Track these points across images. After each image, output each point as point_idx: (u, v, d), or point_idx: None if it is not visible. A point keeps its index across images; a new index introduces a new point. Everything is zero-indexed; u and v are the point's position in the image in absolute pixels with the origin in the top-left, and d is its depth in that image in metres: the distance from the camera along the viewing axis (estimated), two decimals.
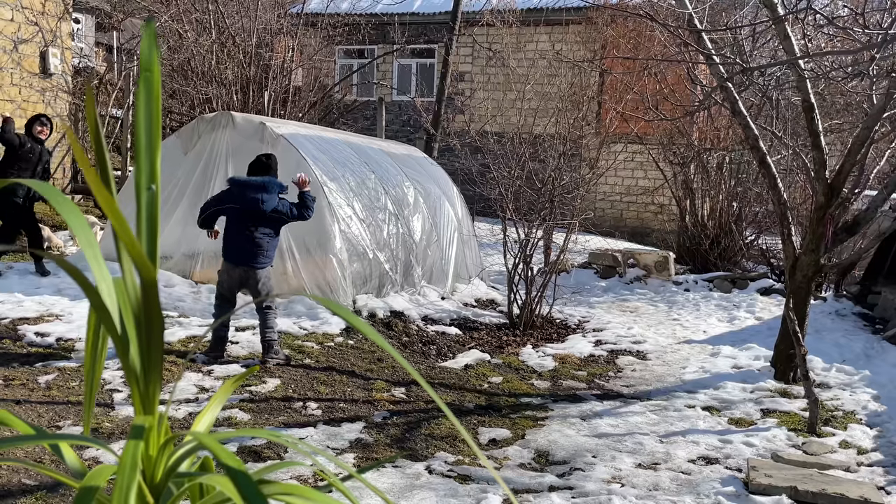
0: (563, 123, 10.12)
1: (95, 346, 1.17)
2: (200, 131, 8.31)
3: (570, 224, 9.42)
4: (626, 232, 16.55)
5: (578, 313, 9.59)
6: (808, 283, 6.94)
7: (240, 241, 5.99)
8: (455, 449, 4.89)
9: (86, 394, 1.19)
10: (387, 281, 8.61)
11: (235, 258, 6.03)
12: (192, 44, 12.36)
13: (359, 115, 18.70)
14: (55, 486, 3.79)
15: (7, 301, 6.94)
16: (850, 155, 6.62)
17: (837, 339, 8.38)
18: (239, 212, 5.98)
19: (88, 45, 19.90)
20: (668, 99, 12.34)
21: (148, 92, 1.04)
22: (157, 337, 1.06)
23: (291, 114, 13.40)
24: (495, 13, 16.36)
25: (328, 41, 15.87)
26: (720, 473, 4.72)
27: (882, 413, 6.18)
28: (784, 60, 6.84)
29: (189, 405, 5.13)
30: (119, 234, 1.00)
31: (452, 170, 12.00)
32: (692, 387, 6.70)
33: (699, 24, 6.91)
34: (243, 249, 6.00)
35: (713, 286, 11.33)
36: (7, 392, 5.01)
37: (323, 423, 5.09)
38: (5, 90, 11.69)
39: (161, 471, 1.10)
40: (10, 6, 11.63)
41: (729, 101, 7.01)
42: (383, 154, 10.04)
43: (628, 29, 13.47)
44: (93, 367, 1.18)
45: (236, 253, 6.03)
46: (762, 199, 12.69)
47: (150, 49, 1.05)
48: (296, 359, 6.35)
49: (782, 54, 7.28)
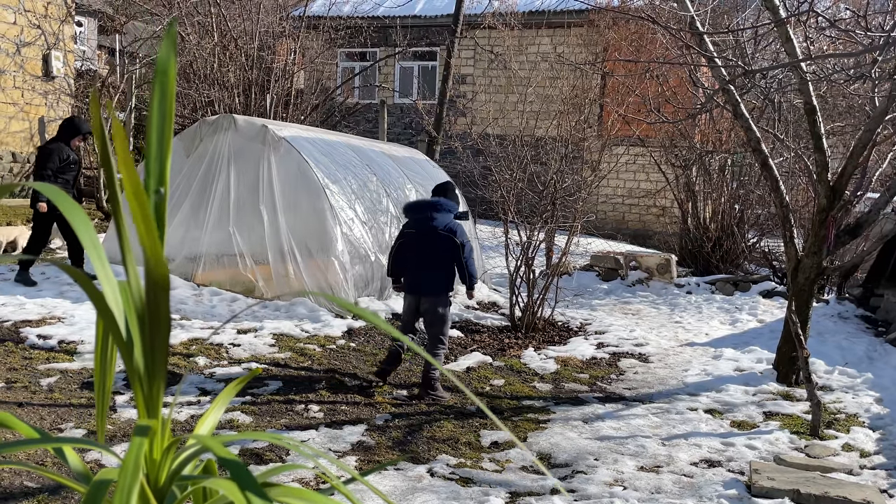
0: (565, 126, 10.12)
1: (105, 352, 1.17)
2: (202, 134, 8.32)
3: (572, 226, 9.41)
4: (628, 234, 16.54)
5: (580, 316, 9.58)
6: (811, 285, 6.94)
7: (414, 267, 5.95)
8: (457, 451, 4.89)
9: (97, 399, 1.19)
10: (388, 283, 8.61)
11: (409, 286, 6.01)
12: (195, 47, 12.38)
13: (361, 118, 18.72)
14: (57, 489, 3.79)
15: (9, 303, 6.96)
16: (853, 157, 6.61)
17: (840, 342, 8.37)
18: (414, 236, 5.94)
19: (91, 48, 19.93)
20: (669, 101, 12.34)
21: (162, 94, 1.04)
22: (163, 338, 1.06)
23: (293, 116, 13.42)
24: (497, 16, 16.37)
25: (330, 44, 15.90)
26: (722, 476, 4.71)
27: (885, 416, 6.16)
28: (786, 63, 6.84)
29: (191, 408, 5.13)
30: (138, 227, 1.00)
31: (454, 172, 12.01)
32: (694, 389, 6.69)
33: (701, 26, 6.91)
34: (417, 276, 5.95)
35: (715, 288, 11.32)
36: (9, 395, 5.01)
37: (324, 425, 5.09)
38: (8, 93, 11.71)
39: (164, 474, 1.10)
40: (13, 9, 11.65)
41: (731, 104, 7.01)
42: (385, 157, 10.05)
43: (630, 31, 13.47)
44: (103, 374, 1.18)
45: (411, 280, 5.99)
46: (764, 201, 12.68)
47: (169, 53, 1.05)
48: (297, 361, 6.35)
49: (784, 57, 7.28)
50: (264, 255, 7.96)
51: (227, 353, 6.33)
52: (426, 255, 5.88)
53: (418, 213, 6.00)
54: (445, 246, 5.87)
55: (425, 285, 5.90)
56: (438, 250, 5.88)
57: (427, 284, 5.90)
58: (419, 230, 5.92)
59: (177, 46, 3.99)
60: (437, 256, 5.89)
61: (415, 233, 5.94)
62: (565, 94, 11.17)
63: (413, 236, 5.94)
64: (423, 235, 5.89)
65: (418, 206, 6.10)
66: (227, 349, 6.42)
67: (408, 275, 6.00)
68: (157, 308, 1.03)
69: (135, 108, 12.89)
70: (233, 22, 13.12)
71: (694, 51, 7.18)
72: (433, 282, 5.91)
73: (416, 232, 5.93)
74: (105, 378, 1.18)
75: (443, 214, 5.92)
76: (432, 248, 5.87)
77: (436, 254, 5.88)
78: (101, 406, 1.20)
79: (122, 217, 1.04)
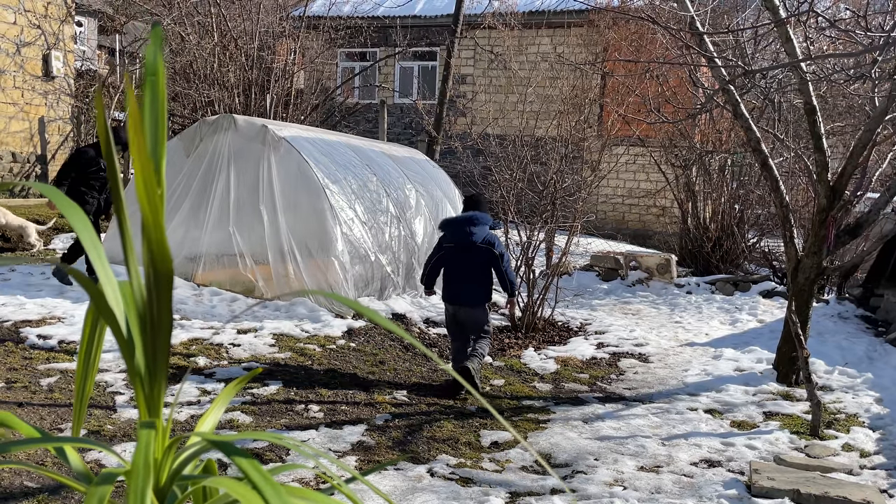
0: (565, 126, 10.12)
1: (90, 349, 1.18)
2: (202, 134, 8.32)
3: (572, 226, 9.41)
4: (628, 234, 16.54)
5: (580, 316, 9.58)
6: (811, 285, 6.94)
7: (455, 280, 6.18)
8: (457, 451, 4.89)
9: (76, 396, 1.19)
10: (388, 283, 8.62)
11: (449, 297, 6.24)
12: (195, 47, 12.39)
13: (361, 118, 18.73)
14: (57, 489, 3.79)
15: (9, 303, 6.96)
16: (853, 157, 6.62)
17: (840, 342, 8.37)
18: (453, 250, 6.17)
19: (91, 48, 19.93)
20: (669, 101, 12.34)
21: (153, 95, 1.04)
22: (165, 338, 1.06)
23: (293, 116, 13.42)
24: (497, 16, 16.37)
25: (330, 44, 15.90)
26: (722, 476, 4.71)
27: (885, 416, 6.16)
28: (786, 63, 6.84)
29: (191, 408, 5.13)
30: (145, 216, 1.00)
31: (454, 172, 12.01)
32: (694, 389, 6.69)
33: (701, 26, 6.91)
34: (458, 288, 6.18)
35: (715, 289, 11.32)
36: (9, 394, 5.01)
37: (325, 425, 5.09)
38: (8, 93, 11.71)
39: (165, 474, 1.10)
40: (13, 9, 11.65)
41: (731, 104, 7.01)
42: (385, 157, 10.05)
43: (630, 31, 13.47)
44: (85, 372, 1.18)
45: (451, 292, 6.23)
46: (764, 201, 12.68)
47: (156, 54, 1.05)
48: (297, 360, 6.35)
49: (784, 57, 7.28)
50: (264, 255, 7.96)
51: (227, 353, 6.33)
52: (466, 269, 6.16)
53: (456, 227, 6.24)
54: (484, 258, 6.16)
55: (465, 297, 6.18)
56: (477, 263, 6.16)
57: (467, 296, 6.19)
58: (458, 244, 6.16)
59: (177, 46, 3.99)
60: (476, 269, 6.17)
61: (454, 247, 6.18)
62: (565, 94, 11.17)
63: (452, 250, 6.19)
64: (463, 249, 6.14)
65: (456, 221, 6.35)
66: (227, 349, 6.42)
67: (448, 287, 6.28)
68: (159, 304, 1.03)
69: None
70: (233, 22, 13.12)
71: (694, 51, 7.18)
72: (473, 294, 6.20)
73: (455, 246, 6.17)
74: (87, 376, 1.19)
75: (479, 228, 6.17)
76: (471, 262, 6.15)
77: (475, 267, 6.17)
78: (80, 403, 1.20)
79: (125, 214, 1.04)
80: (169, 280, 1.02)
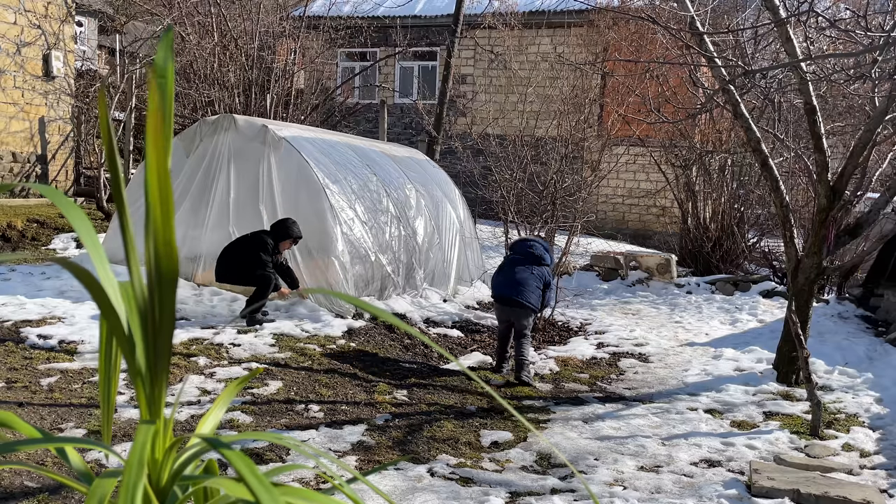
0: (565, 126, 10.13)
1: (109, 352, 1.17)
2: (203, 134, 8.32)
3: (572, 226, 9.41)
4: (628, 234, 16.55)
5: (580, 316, 9.58)
6: (811, 285, 6.94)
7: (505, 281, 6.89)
8: (457, 451, 4.89)
9: (102, 400, 1.19)
10: (389, 283, 8.62)
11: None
12: (195, 47, 12.39)
13: (361, 118, 18.73)
14: (57, 489, 3.79)
15: (10, 303, 6.96)
16: (853, 157, 6.62)
17: (840, 342, 8.37)
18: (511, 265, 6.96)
19: (91, 48, 19.94)
20: (669, 101, 12.34)
21: (161, 96, 1.04)
22: (167, 336, 1.06)
23: (293, 116, 13.42)
24: (497, 16, 16.37)
25: (330, 44, 15.90)
26: (722, 476, 4.71)
27: (885, 416, 6.16)
28: (786, 63, 6.84)
29: (191, 407, 5.13)
30: (151, 213, 1.00)
31: (454, 172, 12.02)
32: (694, 389, 6.69)
33: (701, 26, 6.91)
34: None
35: (715, 288, 11.32)
36: (10, 394, 5.01)
37: (325, 425, 5.09)
38: (8, 93, 11.72)
39: (166, 474, 1.10)
40: (13, 9, 11.66)
41: (731, 104, 7.01)
42: (385, 157, 10.05)
43: (630, 31, 13.47)
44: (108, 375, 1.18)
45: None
46: (764, 201, 12.68)
47: (166, 56, 1.05)
48: (297, 360, 6.35)
49: (784, 57, 7.28)
50: None
51: (228, 353, 6.33)
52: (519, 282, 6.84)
53: (526, 257, 6.93)
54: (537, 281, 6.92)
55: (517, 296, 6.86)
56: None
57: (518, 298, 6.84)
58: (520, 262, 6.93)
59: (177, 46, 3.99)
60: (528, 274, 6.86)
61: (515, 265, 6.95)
62: (565, 94, 11.18)
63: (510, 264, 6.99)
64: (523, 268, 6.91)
65: (526, 257, 6.94)
66: (227, 349, 6.42)
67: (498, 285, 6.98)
68: (162, 304, 1.04)
69: (135, 108, 12.89)
70: (233, 22, 13.12)
71: (694, 51, 7.19)
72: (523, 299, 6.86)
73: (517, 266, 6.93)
74: (110, 379, 1.18)
75: (542, 268, 6.90)
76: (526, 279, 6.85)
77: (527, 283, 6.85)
78: (107, 407, 1.20)
79: (126, 213, 1.04)
80: (173, 280, 1.03)
